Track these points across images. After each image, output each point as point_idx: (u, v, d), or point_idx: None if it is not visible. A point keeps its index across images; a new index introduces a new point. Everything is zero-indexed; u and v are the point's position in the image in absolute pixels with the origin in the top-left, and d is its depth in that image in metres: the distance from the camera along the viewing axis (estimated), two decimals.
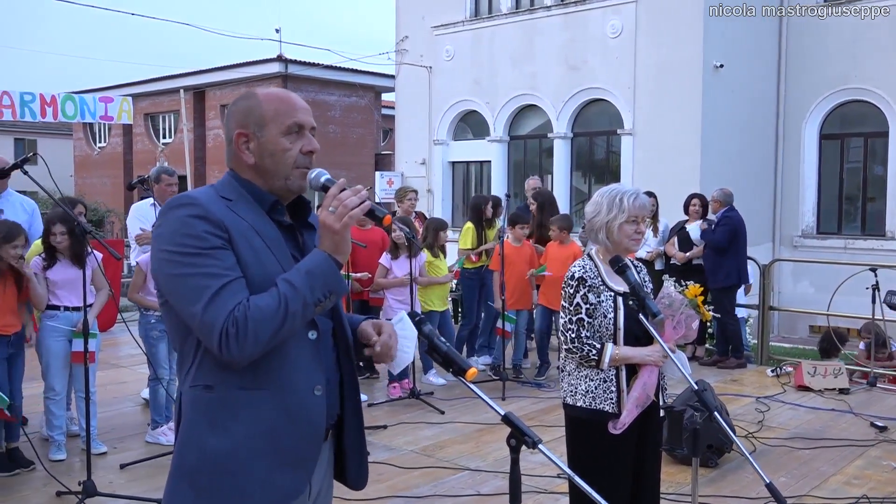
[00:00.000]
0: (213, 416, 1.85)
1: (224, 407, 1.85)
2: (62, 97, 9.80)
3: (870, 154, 14.49)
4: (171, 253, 1.81)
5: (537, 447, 1.81)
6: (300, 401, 1.89)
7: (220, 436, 1.84)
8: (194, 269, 1.79)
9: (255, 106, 1.96)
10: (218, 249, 1.81)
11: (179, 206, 1.84)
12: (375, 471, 5.04)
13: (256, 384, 1.85)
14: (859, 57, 13.80)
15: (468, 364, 1.92)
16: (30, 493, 4.67)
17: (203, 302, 1.76)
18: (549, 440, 5.52)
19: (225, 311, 1.76)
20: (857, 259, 10.44)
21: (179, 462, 1.89)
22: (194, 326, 1.80)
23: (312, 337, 1.93)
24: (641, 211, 3.11)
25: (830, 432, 5.92)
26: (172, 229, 1.82)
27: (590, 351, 3.02)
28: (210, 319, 1.76)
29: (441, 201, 17.43)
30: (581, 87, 15.06)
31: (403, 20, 17.88)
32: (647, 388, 3.02)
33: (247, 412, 1.85)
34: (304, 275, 1.82)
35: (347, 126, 26.99)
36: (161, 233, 1.85)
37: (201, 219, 1.82)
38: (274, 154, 1.94)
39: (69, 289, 5.00)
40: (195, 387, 1.88)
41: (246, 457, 1.84)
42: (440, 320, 7.22)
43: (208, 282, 1.78)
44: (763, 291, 8.37)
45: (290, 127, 1.95)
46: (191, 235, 1.80)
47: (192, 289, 1.78)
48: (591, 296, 3.05)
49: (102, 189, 30.69)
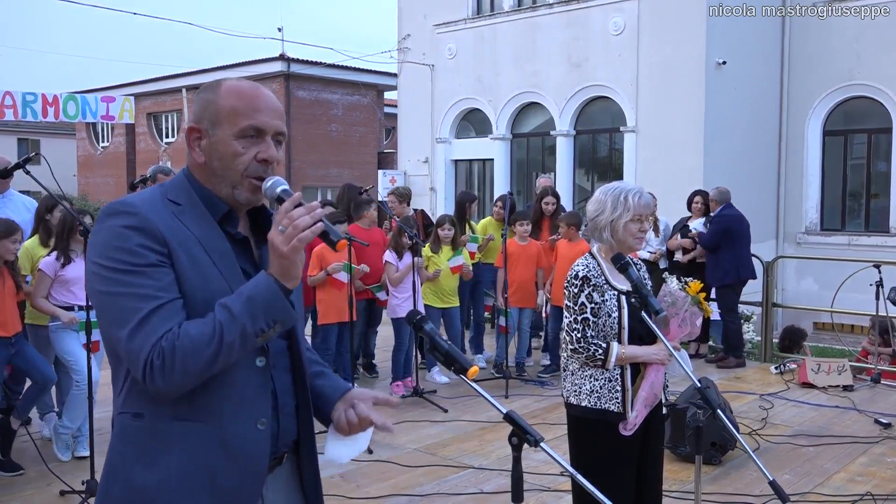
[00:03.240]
0: (142, 448, 1.67)
1: (154, 438, 1.67)
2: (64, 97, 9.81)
3: (873, 150, 14.46)
4: (102, 267, 1.63)
5: (539, 445, 1.81)
6: (241, 435, 1.70)
7: (149, 469, 1.66)
8: (124, 287, 1.60)
9: (213, 100, 1.75)
10: (153, 267, 1.62)
11: (115, 213, 1.66)
12: (378, 469, 5.05)
13: (192, 415, 1.67)
14: (862, 53, 13.77)
15: (470, 362, 1.91)
16: (33, 492, 4.68)
17: (129, 327, 1.59)
18: (552, 438, 5.51)
19: (152, 338, 1.58)
20: (861, 256, 10.41)
21: (104, 494, 1.72)
22: (119, 351, 1.63)
23: (260, 364, 1.74)
24: (646, 209, 3.10)
25: (834, 429, 5.91)
26: (105, 240, 1.64)
27: (596, 351, 3.00)
28: (135, 347, 1.59)
29: (444, 199, 17.41)
30: (583, 84, 15.04)
31: (405, 19, 17.87)
32: (654, 388, 3.02)
33: (179, 445, 1.66)
34: (244, 301, 1.62)
35: (350, 125, 26.99)
36: (94, 242, 1.67)
37: (137, 230, 1.63)
38: (223, 157, 1.73)
39: (82, 286, 4.99)
40: (124, 413, 1.71)
41: (176, 493, 1.66)
42: (447, 317, 7.21)
43: (138, 304, 1.59)
44: (766, 288, 8.35)
45: (244, 129, 1.73)
46: (123, 249, 1.61)
47: (120, 310, 1.60)
48: (596, 295, 3.03)
49: (105, 188, 30.73)
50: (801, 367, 7.35)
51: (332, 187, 26.37)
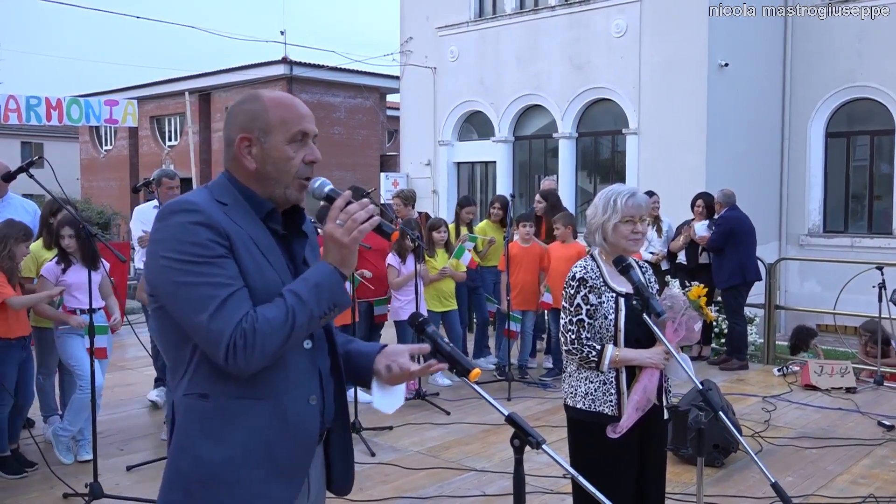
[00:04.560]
0: (208, 425, 1.83)
1: (219, 416, 1.82)
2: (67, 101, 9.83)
3: (876, 152, 14.44)
4: (174, 260, 1.76)
5: (541, 447, 1.81)
6: (295, 411, 1.88)
7: (215, 445, 1.82)
8: (199, 277, 1.75)
9: (261, 111, 1.91)
10: (222, 258, 1.78)
11: (180, 211, 1.80)
12: (381, 472, 5.06)
13: (253, 394, 1.83)
14: (865, 54, 13.76)
15: (472, 365, 1.92)
16: (36, 494, 4.68)
17: (209, 312, 1.74)
18: (555, 440, 5.51)
19: (232, 321, 1.74)
20: (864, 257, 10.40)
21: (173, 470, 1.87)
22: (199, 336, 1.77)
23: (308, 346, 1.92)
24: (636, 210, 3.08)
25: (837, 431, 5.91)
26: (173, 235, 1.78)
27: (589, 352, 3.01)
28: (216, 329, 1.73)
29: (447, 202, 17.42)
30: (586, 86, 15.04)
31: (408, 21, 17.89)
32: (647, 392, 2.99)
33: (242, 421, 1.82)
34: (312, 287, 1.80)
35: (352, 127, 27.00)
36: (161, 238, 1.81)
37: (204, 226, 1.78)
38: (277, 162, 1.91)
39: (84, 291, 5.02)
40: (189, 395, 1.85)
41: (241, 466, 1.82)
42: (446, 320, 7.22)
43: (214, 291, 1.75)
44: (769, 290, 8.34)
45: (294, 135, 1.92)
46: (194, 243, 1.76)
47: (197, 298, 1.75)
48: (592, 297, 3.04)
49: (109, 192, 30.76)
50: (804, 369, 7.35)
51: None
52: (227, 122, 1.97)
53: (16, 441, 5.12)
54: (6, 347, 4.88)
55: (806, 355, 8.52)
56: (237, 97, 2.03)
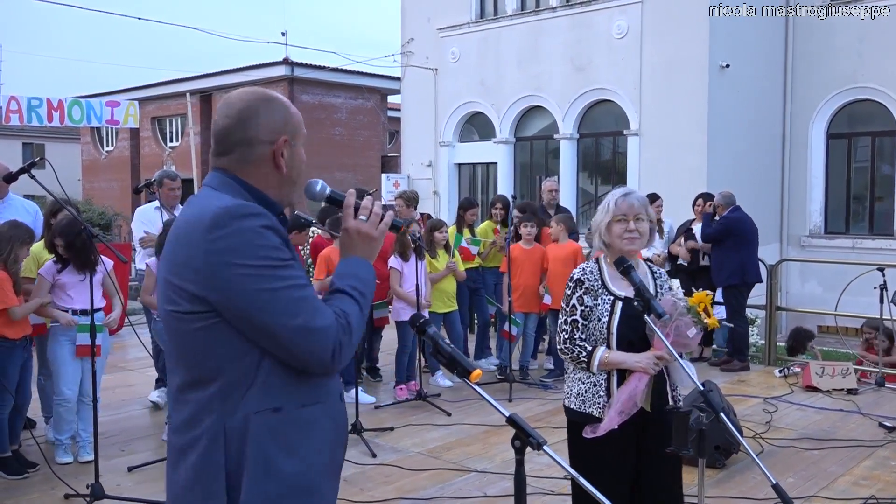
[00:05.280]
0: (284, 439, 1.76)
1: (293, 427, 1.77)
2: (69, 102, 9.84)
3: (877, 153, 14.44)
4: (254, 267, 1.68)
5: (542, 448, 1.81)
6: (340, 409, 1.91)
7: (294, 456, 1.77)
8: (284, 281, 1.70)
9: (287, 114, 1.89)
10: (293, 260, 1.77)
11: (249, 215, 1.72)
12: (382, 472, 5.06)
13: (314, 398, 1.81)
14: (866, 55, 13.76)
15: (473, 366, 1.92)
16: (38, 495, 4.69)
17: (307, 313, 1.70)
18: (556, 442, 5.51)
19: (332, 319, 1.73)
20: (865, 259, 10.39)
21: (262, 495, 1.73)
22: (296, 340, 1.70)
23: None
24: (629, 209, 3.08)
25: (838, 433, 5.90)
26: (248, 241, 1.70)
27: (580, 353, 3.03)
28: (323, 329, 1.71)
29: (447, 203, 17.43)
30: (587, 87, 15.04)
31: (409, 22, 17.90)
32: (633, 396, 2.96)
33: (311, 428, 1.80)
34: (363, 281, 1.85)
35: (353, 128, 27.01)
36: (229, 246, 1.69)
37: (272, 230, 1.74)
38: (299, 166, 1.93)
39: (78, 291, 5.03)
40: (262, 411, 1.74)
41: (317, 473, 1.81)
42: (447, 321, 7.22)
43: (302, 293, 1.72)
44: (770, 291, 8.33)
45: (304, 138, 1.95)
46: (271, 247, 1.71)
47: (289, 302, 1.69)
48: (588, 298, 3.07)
49: (110, 193, 30.78)
50: (805, 370, 7.34)
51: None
52: (252, 121, 1.85)
53: (17, 442, 5.13)
54: (10, 348, 4.90)
55: (803, 357, 8.51)
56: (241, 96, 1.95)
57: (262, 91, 1.92)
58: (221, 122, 1.86)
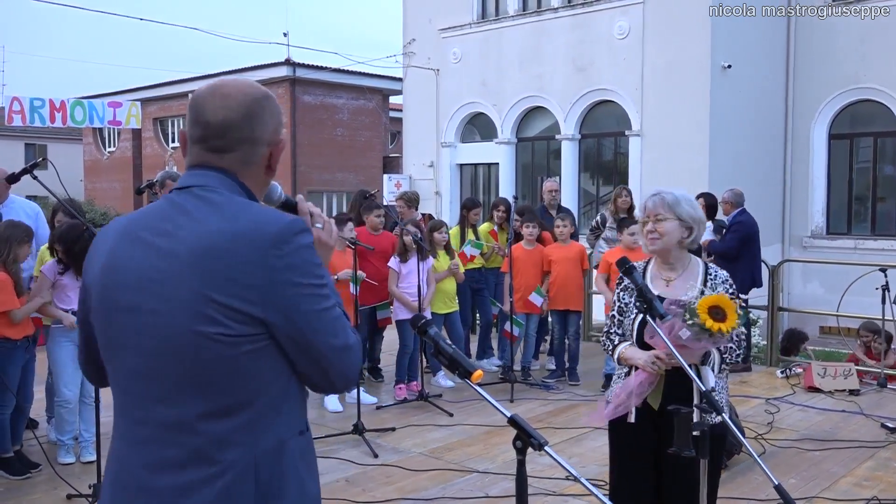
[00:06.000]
0: (308, 461, 1.72)
1: (311, 448, 1.75)
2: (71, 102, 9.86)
3: (879, 154, 14.43)
4: (313, 286, 1.61)
5: (543, 449, 1.81)
6: None
7: (315, 478, 1.75)
8: (329, 301, 1.64)
9: (279, 114, 1.79)
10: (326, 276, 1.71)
11: (304, 231, 1.64)
12: (384, 473, 5.06)
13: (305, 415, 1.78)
14: (868, 56, 13.74)
15: (474, 366, 1.92)
16: (40, 495, 4.70)
17: (347, 333, 1.66)
18: (557, 442, 5.52)
19: (356, 337, 1.70)
20: (867, 259, 10.39)
21: None
22: (339, 360, 1.65)
23: None
24: (647, 211, 3.17)
25: (840, 434, 5.90)
26: (307, 259, 1.62)
27: (608, 346, 3.19)
28: (354, 349, 1.67)
29: (449, 203, 17.43)
30: (588, 88, 15.04)
31: (411, 23, 17.90)
32: (629, 391, 3.03)
33: (313, 447, 1.79)
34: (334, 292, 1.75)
35: (355, 129, 27.02)
36: (295, 263, 1.59)
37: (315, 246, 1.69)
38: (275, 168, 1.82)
39: (78, 293, 5.04)
40: (291, 437, 1.67)
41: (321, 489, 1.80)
42: (449, 322, 7.22)
43: (339, 311, 1.67)
44: (772, 292, 8.32)
45: None
46: (319, 265, 1.66)
47: (333, 321, 1.64)
48: (625, 295, 3.17)
49: (112, 193, 30.82)
50: (807, 371, 7.33)
51: (336, 192, 26.40)
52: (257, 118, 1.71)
53: (19, 442, 5.14)
54: (11, 349, 4.90)
55: (798, 359, 8.50)
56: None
57: (259, 85, 1.77)
58: (221, 115, 1.67)
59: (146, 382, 1.61)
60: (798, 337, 9.12)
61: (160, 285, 1.56)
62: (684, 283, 3.13)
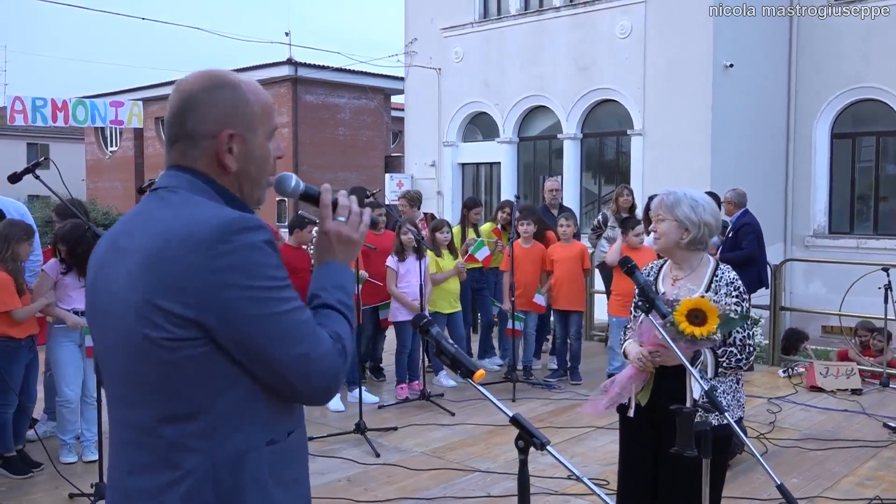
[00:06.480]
0: (278, 472, 1.61)
1: (285, 458, 1.63)
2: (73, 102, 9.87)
3: (882, 153, 14.41)
4: (259, 289, 1.50)
5: (545, 449, 1.81)
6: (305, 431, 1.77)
7: (285, 489, 1.63)
8: (288, 304, 1.53)
9: (244, 102, 1.64)
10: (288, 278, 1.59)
11: (251, 228, 1.53)
12: (385, 472, 5.06)
13: (295, 425, 1.68)
14: (871, 56, 13.73)
15: (476, 366, 1.92)
16: (42, 494, 4.70)
17: (310, 340, 1.54)
18: (559, 442, 5.51)
19: (329, 345, 1.56)
20: (870, 259, 10.37)
21: None
22: (297, 370, 1.53)
23: None
24: (651, 212, 3.29)
25: (843, 433, 5.89)
26: (254, 259, 1.51)
27: (623, 342, 3.27)
28: (321, 356, 1.55)
29: (451, 203, 17.43)
30: (590, 87, 15.03)
31: (412, 22, 17.90)
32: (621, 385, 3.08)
33: (294, 457, 1.67)
34: (341, 290, 1.67)
35: (357, 128, 27.02)
36: (233, 264, 1.49)
37: (271, 245, 1.55)
38: (260, 161, 1.68)
39: (80, 292, 5.04)
40: (256, 447, 1.57)
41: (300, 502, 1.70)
42: (451, 322, 7.22)
43: (302, 316, 1.55)
44: (774, 292, 8.31)
45: (272, 131, 1.71)
46: (273, 266, 1.53)
47: (293, 327, 1.52)
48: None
49: (114, 193, 30.82)
50: (810, 370, 7.32)
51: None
52: (191, 111, 1.63)
53: (21, 441, 5.14)
54: (15, 348, 4.91)
55: (800, 358, 8.48)
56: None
57: (212, 74, 1.66)
58: (168, 112, 1.66)
59: (119, 385, 1.61)
60: (798, 336, 9.10)
61: (120, 289, 1.55)
62: (690, 283, 3.15)
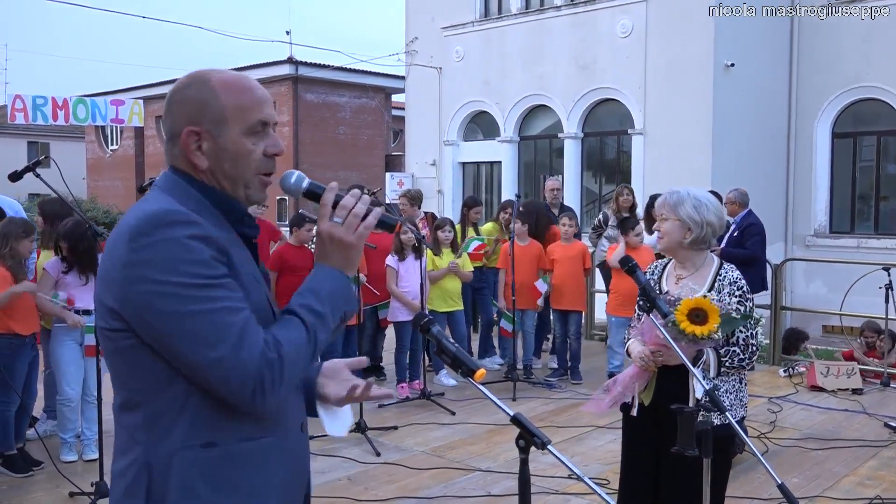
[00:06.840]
0: (219, 476, 1.54)
1: (230, 463, 1.55)
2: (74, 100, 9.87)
3: (882, 152, 14.40)
4: (175, 285, 1.45)
5: (546, 448, 1.80)
6: (297, 440, 1.69)
7: (230, 496, 1.56)
8: (208, 304, 1.46)
9: (211, 98, 1.60)
10: (226, 278, 1.51)
11: (174, 223, 1.49)
12: (386, 471, 5.06)
13: (262, 431, 1.59)
14: (872, 55, 13.71)
15: (477, 365, 1.91)
16: (42, 493, 4.70)
17: (229, 344, 1.46)
18: (560, 441, 5.51)
19: (256, 352, 1.48)
20: (871, 258, 10.35)
21: None
22: (212, 374, 1.48)
23: None
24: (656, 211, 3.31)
25: (843, 433, 5.89)
26: (173, 254, 1.47)
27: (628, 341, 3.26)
28: (240, 364, 1.46)
29: (451, 202, 17.42)
30: (591, 86, 15.02)
31: (413, 21, 17.89)
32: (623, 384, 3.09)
33: (254, 464, 1.58)
34: (326, 298, 1.59)
35: (358, 127, 27.03)
36: (149, 258, 1.47)
37: (204, 240, 1.49)
38: (235, 158, 1.62)
39: (81, 291, 5.05)
40: (190, 447, 1.53)
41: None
42: (452, 320, 7.22)
43: (229, 318, 1.47)
44: (775, 291, 8.31)
45: (254, 125, 1.63)
46: (199, 262, 1.48)
47: (210, 329, 1.46)
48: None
49: (115, 192, 30.83)
50: (810, 370, 7.32)
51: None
52: (168, 112, 1.65)
53: (22, 440, 5.15)
54: (19, 345, 4.91)
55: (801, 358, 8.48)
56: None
57: (191, 74, 1.66)
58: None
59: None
60: (798, 336, 9.10)
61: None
62: (692, 282, 3.15)
